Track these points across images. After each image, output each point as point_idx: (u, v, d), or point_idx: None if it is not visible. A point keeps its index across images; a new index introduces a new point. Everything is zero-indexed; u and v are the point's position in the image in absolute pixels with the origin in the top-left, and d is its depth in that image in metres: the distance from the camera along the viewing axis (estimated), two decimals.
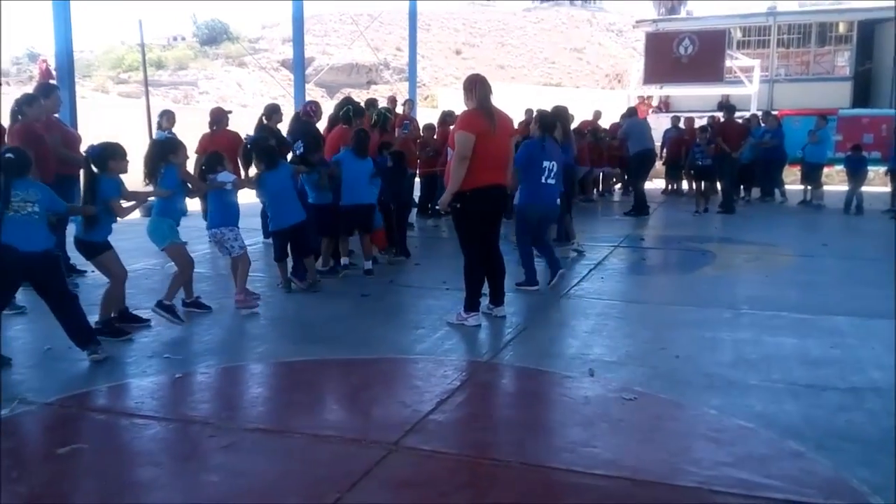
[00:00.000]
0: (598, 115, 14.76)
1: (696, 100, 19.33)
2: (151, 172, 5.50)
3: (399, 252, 7.81)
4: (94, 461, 3.20)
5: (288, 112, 9.52)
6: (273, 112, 8.19)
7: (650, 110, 19.67)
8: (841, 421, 3.58)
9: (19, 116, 6.03)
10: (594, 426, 3.57)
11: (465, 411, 3.78)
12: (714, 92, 20.05)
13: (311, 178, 6.81)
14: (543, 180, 6.37)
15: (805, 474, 3.07)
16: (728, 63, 20.67)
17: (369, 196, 7.07)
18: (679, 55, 20.50)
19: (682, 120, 15.51)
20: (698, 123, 14.23)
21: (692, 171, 12.99)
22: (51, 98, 6.36)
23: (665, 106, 21.54)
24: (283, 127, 8.39)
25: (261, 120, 8.20)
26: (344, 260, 7.19)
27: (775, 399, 3.88)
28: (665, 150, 14.84)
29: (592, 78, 51.19)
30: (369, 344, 4.88)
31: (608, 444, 3.37)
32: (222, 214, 5.81)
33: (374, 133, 8.52)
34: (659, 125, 15.61)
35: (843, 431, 3.45)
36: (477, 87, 5.08)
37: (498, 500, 2.85)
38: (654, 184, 15.14)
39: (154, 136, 8.13)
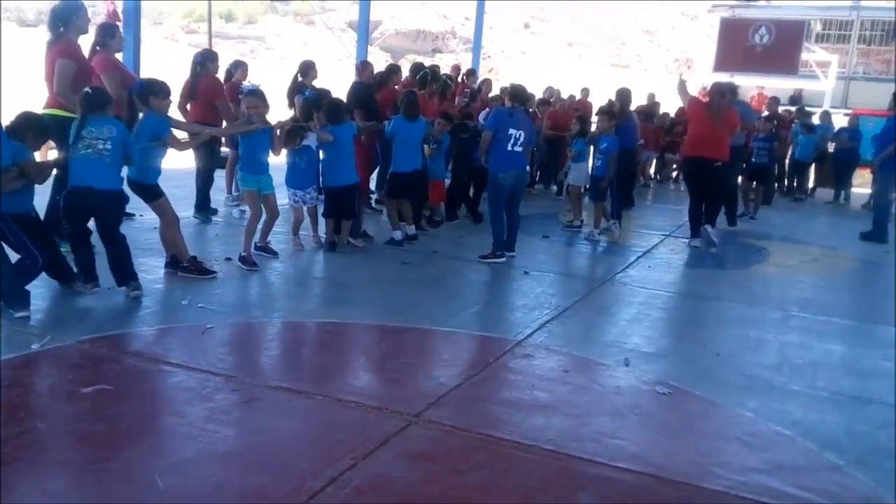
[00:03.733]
0: (651, 97, 14.00)
1: (767, 92, 18.59)
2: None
3: (475, 218, 8.14)
4: (117, 403, 3.21)
5: (347, 73, 9.46)
6: (308, 69, 8.14)
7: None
8: (884, 437, 3.39)
9: (98, 48, 6.07)
10: (623, 418, 3.45)
11: (491, 389, 3.70)
12: (786, 85, 19.29)
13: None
14: (510, 147, 6.35)
15: (840, 489, 2.92)
16: (804, 56, 19.85)
17: (416, 162, 6.98)
18: (754, 43, 19.78)
19: None
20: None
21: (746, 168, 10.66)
22: (115, 38, 6.39)
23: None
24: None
25: (296, 77, 8.16)
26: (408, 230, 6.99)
27: (817, 407, 3.71)
28: None
29: (662, 62, 49.92)
30: (403, 312, 4.82)
31: (636, 438, 3.26)
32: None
33: (433, 100, 8.44)
34: None
35: (885, 448, 3.27)
36: (713, 95, 7.91)
37: (514, 483, 2.77)
38: None
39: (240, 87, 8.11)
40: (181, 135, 5.48)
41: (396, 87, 8.35)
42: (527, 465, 2.91)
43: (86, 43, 5.64)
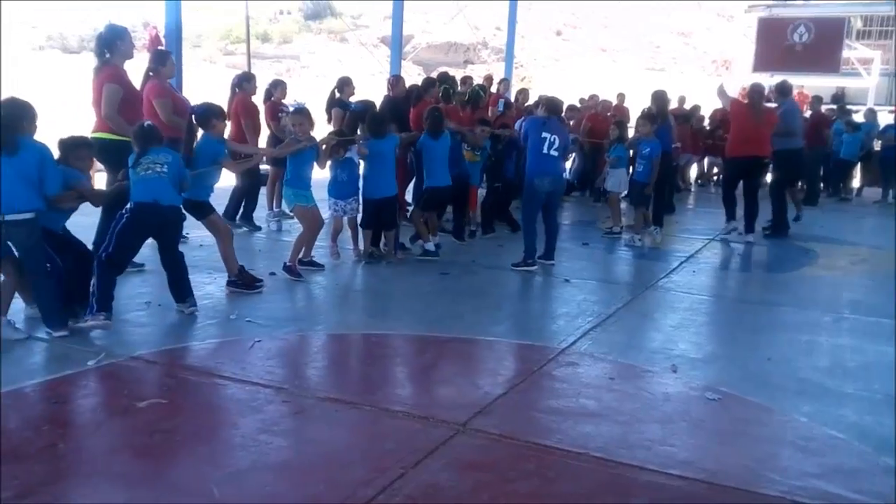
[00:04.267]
0: (682, 99, 13.67)
1: (809, 91, 18.30)
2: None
3: (513, 227, 8.07)
4: (172, 417, 3.28)
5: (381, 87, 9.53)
6: (345, 85, 8.26)
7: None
8: None
9: (151, 74, 6.23)
10: (673, 424, 3.42)
11: (537, 398, 3.69)
12: (828, 83, 18.93)
13: None
14: (545, 151, 6.34)
15: None
16: (846, 53, 19.48)
17: (447, 177, 6.98)
18: (793, 42, 19.47)
19: None
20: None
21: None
22: (167, 65, 6.54)
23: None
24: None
25: (333, 93, 8.27)
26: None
27: (872, 410, 3.63)
28: None
29: (698, 64, 49.35)
30: (445, 322, 4.84)
31: (686, 444, 3.22)
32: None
33: (465, 110, 8.48)
34: None
35: None
36: (752, 96, 8.20)
37: (565, 491, 2.76)
38: None
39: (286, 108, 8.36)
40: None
41: (434, 100, 8.40)
42: (577, 473, 2.90)
43: (131, 67, 5.79)
